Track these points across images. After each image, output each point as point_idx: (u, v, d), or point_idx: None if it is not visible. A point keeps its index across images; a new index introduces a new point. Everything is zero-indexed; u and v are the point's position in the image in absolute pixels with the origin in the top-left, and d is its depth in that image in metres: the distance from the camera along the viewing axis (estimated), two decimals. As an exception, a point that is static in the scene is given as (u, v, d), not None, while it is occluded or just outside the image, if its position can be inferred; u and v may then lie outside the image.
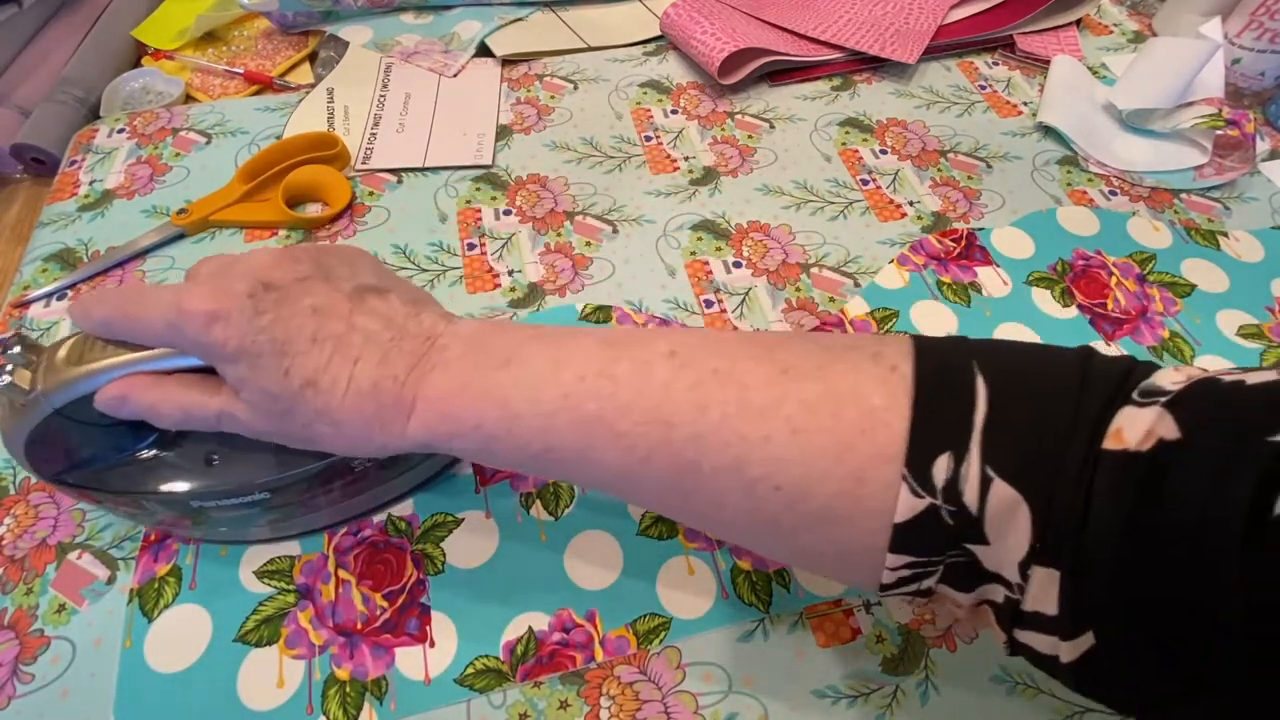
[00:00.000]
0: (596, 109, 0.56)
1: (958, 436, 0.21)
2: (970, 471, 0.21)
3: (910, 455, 0.21)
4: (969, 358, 0.23)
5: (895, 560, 0.22)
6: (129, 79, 0.57)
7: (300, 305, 0.26)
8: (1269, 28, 0.56)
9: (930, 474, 0.21)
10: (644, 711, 0.31)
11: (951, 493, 0.21)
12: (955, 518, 0.21)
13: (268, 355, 0.25)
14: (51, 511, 0.35)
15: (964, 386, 0.22)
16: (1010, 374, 0.22)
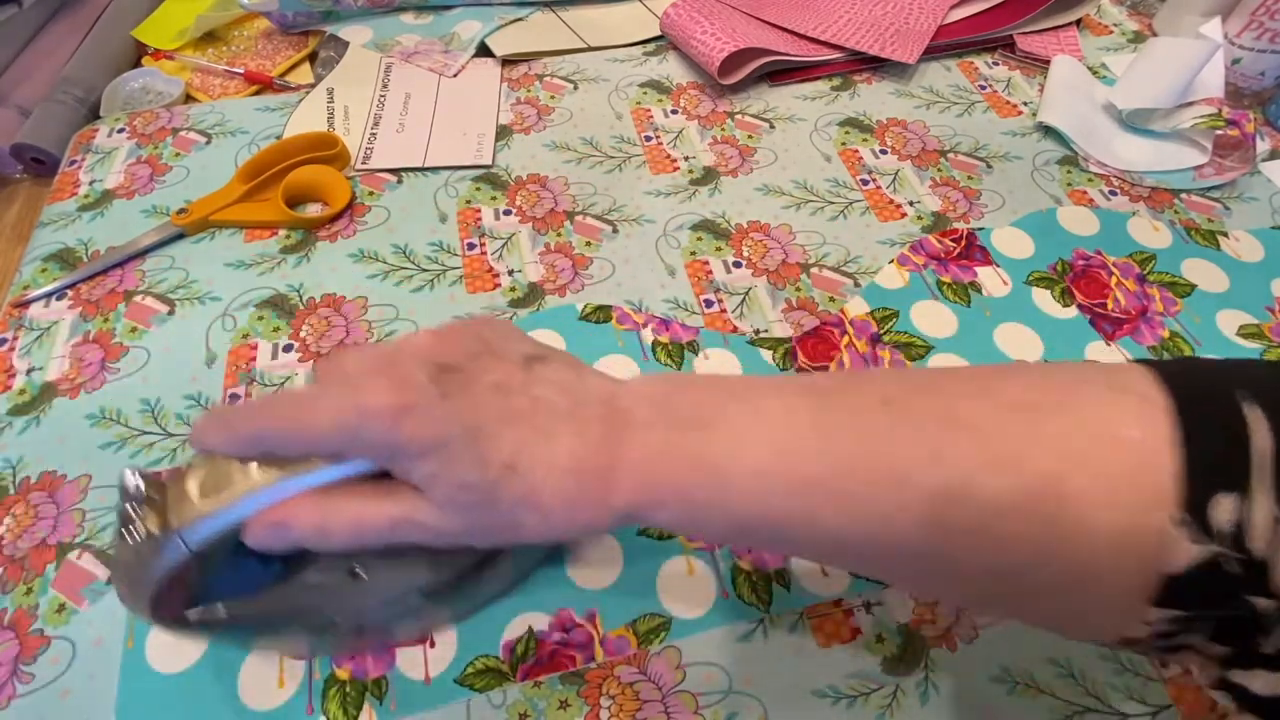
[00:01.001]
0: (596, 109, 0.56)
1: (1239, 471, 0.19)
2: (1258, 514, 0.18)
3: (1188, 497, 0.19)
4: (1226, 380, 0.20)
5: (1159, 614, 0.20)
6: (129, 79, 0.57)
7: (482, 384, 0.24)
8: (1269, 28, 0.56)
9: (1210, 518, 0.19)
10: (644, 711, 0.31)
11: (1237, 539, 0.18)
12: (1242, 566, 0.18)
13: (461, 444, 0.23)
14: (51, 511, 0.35)
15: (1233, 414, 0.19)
16: None
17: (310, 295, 0.44)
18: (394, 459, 0.23)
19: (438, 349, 0.24)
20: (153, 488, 0.24)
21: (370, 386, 0.22)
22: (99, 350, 0.41)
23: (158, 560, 0.23)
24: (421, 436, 0.22)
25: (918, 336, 0.43)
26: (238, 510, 0.23)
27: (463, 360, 0.24)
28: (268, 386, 0.40)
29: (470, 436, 0.23)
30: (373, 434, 0.22)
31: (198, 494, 0.23)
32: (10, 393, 0.39)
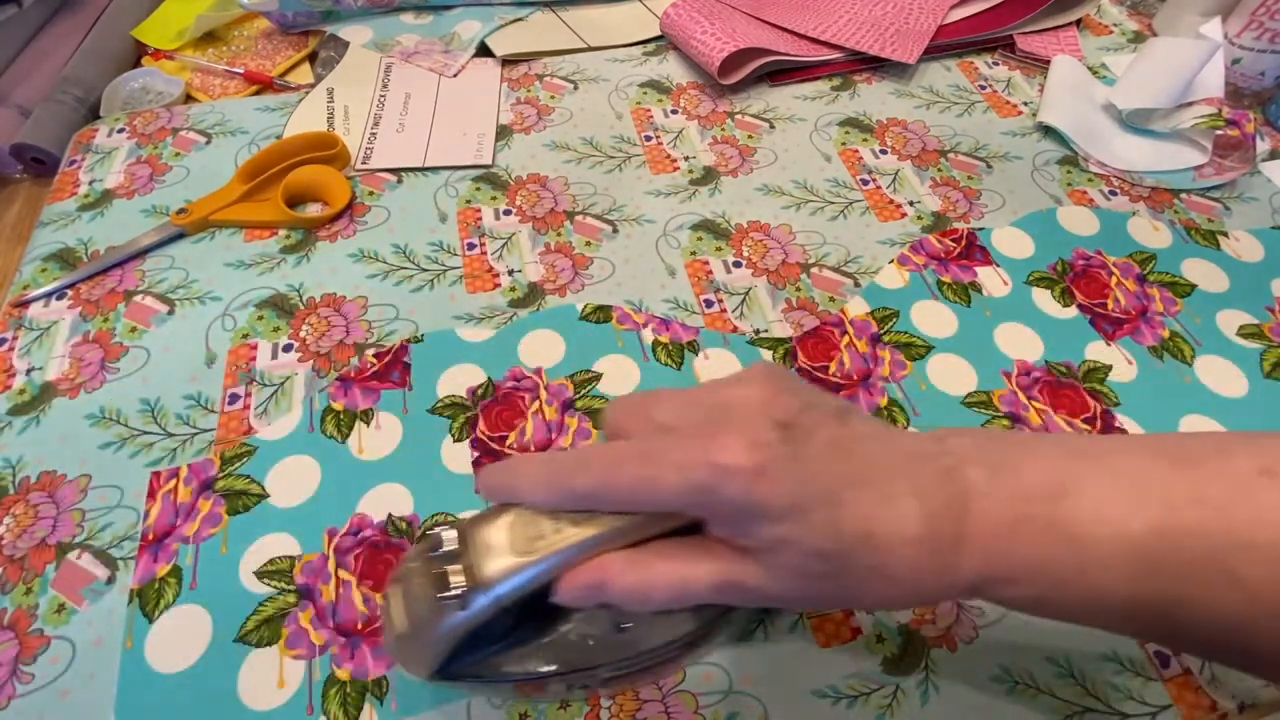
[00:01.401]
0: (596, 109, 0.56)
1: None
2: None
3: None
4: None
5: None
6: (129, 79, 0.57)
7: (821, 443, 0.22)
8: (1269, 28, 0.56)
9: None
10: (644, 711, 0.31)
11: None
12: None
13: (819, 508, 0.21)
14: (51, 511, 0.35)
15: None
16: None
17: (310, 295, 0.44)
18: (741, 521, 0.22)
19: (772, 402, 0.22)
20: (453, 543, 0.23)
21: (724, 444, 0.21)
22: (99, 350, 0.41)
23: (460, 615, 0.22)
24: (779, 499, 0.21)
25: (918, 336, 0.43)
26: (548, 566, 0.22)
27: (796, 415, 0.22)
28: (267, 386, 0.40)
29: (827, 501, 0.21)
30: (729, 494, 0.21)
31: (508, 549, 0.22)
32: (10, 392, 0.39)
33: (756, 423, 0.22)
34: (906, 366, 0.41)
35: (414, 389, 0.40)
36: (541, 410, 0.39)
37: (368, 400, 0.39)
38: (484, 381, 0.40)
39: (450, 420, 0.39)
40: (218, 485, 0.36)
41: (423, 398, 0.39)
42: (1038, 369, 0.42)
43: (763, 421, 0.22)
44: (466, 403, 0.39)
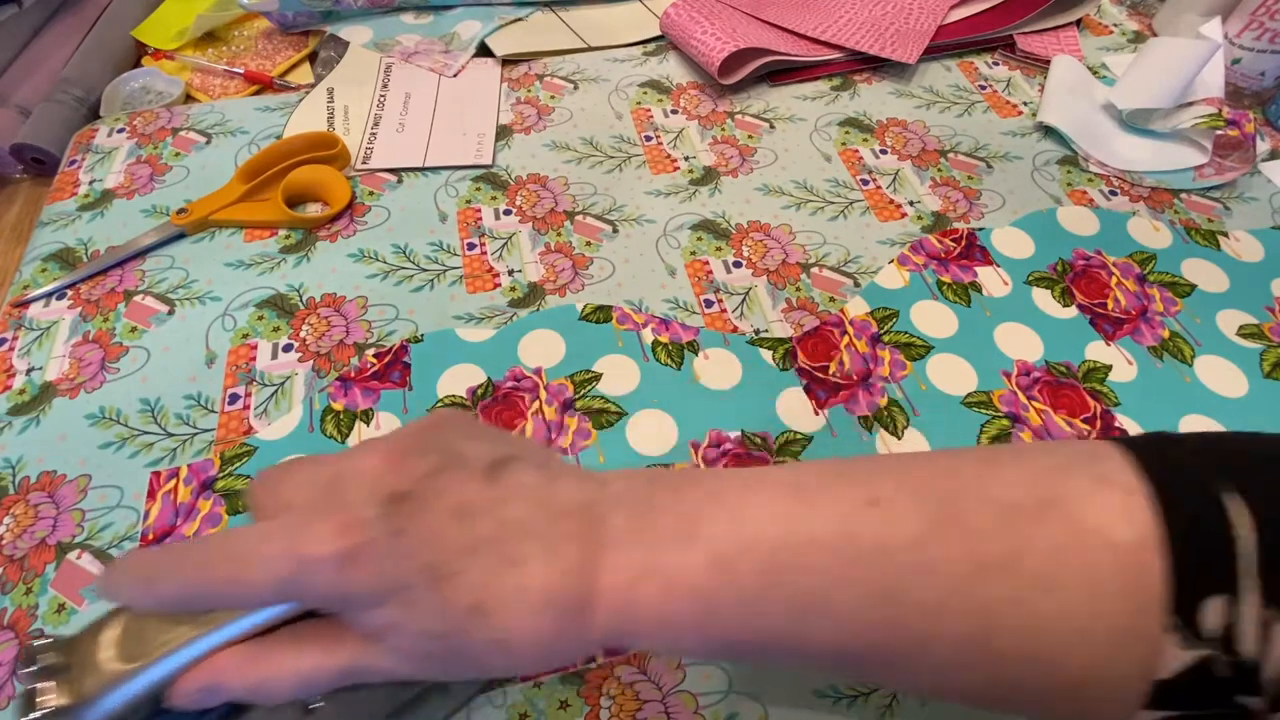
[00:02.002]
0: (596, 109, 0.56)
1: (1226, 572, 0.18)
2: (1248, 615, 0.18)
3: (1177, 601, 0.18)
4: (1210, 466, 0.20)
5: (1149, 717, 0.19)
6: (129, 79, 0.57)
7: (440, 510, 0.21)
8: (1269, 28, 0.56)
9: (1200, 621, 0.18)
10: (644, 711, 0.31)
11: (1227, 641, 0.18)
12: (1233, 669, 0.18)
13: (421, 586, 0.20)
14: (51, 511, 0.35)
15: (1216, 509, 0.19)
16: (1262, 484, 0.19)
17: (310, 295, 0.44)
18: (343, 609, 0.21)
19: (389, 472, 0.21)
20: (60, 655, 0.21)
21: (311, 532, 0.20)
22: (99, 350, 0.41)
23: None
24: (373, 584, 0.20)
25: (918, 336, 0.43)
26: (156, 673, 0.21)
27: (418, 482, 0.21)
28: (267, 386, 0.40)
29: (430, 578, 0.20)
30: (317, 586, 0.20)
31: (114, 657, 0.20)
32: (10, 392, 0.39)
33: (360, 500, 0.21)
34: (906, 366, 0.41)
35: (414, 389, 0.40)
36: (541, 410, 0.39)
37: (368, 400, 0.39)
38: (484, 381, 0.40)
39: (450, 420, 0.39)
40: (218, 485, 0.36)
41: (423, 398, 0.39)
42: (1038, 369, 0.42)
43: (368, 497, 0.21)
44: (466, 403, 0.39)
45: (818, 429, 0.39)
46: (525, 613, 0.21)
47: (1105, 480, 0.20)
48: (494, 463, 0.23)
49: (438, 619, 0.20)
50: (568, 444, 0.38)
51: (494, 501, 0.22)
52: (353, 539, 0.20)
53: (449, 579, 0.20)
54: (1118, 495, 0.20)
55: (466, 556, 0.21)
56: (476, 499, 0.22)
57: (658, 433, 0.38)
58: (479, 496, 0.22)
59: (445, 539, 0.21)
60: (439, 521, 0.21)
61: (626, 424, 0.39)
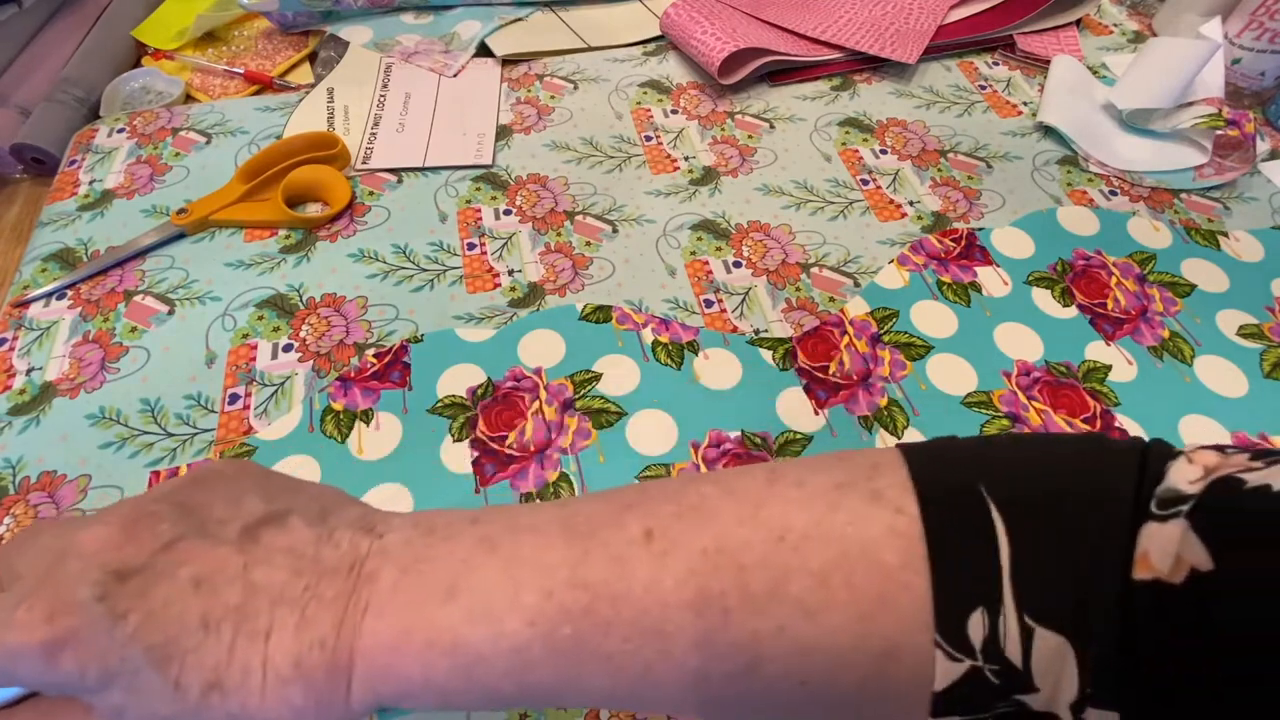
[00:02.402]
0: (596, 109, 0.56)
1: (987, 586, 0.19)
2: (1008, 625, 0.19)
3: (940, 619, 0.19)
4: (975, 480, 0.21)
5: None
6: (129, 79, 0.57)
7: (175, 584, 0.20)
8: (1269, 28, 0.56)
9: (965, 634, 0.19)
10: (644, 712, 0.31)
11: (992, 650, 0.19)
12: (1000, 675, 0.19)
13: (146, 670, 0.19)
14: (51, 512, 0.35)
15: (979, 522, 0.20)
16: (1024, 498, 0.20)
17: (310, 295, 0.44)
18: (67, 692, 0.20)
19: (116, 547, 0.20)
20: None
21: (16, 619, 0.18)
22: (99, 350, 0.41)
23: None
24: (89, 671, 0.19)
25: (918, 336, 0.43)
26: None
27: (150, 555, 0.20)
28: (267, 386, 0.40)
29: (158, 660, 0.19)
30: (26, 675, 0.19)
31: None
32: (10, 392, 0.39)
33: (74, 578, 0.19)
34: (906, 366, 0.41)
35: (414, 389, 0.40)
36: (541, 410, 0.39)
37: (368, 400, 0.39)
38: (484, 381, 0.40)
39: (450, 420, 0.39)
40: (218, 485, 0.36)
41: (423, 398, 0.39)
42: (1038, 369, 0.42)
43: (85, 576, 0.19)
44: (466, 403, 0.39)
45: (818, 429, 0.39)
46: (270, 687, 0.20)
47: (879, 498, 0.21)
48: (255, 522, 0.22)
49: (168, 702, 0.19)
50: (568, 444, 0.38)
51: (244, 567, 0.21)
52: (60, 626, 0.18)
53: (179, 659, 0.19)
54: (887, 514, 0.20)
55: (201, 632, 0.20)
56: (221, 567, 0.21)
57: (658, 433, 0.38)
58: (224, 564, 0.21)
59: (178, 616, 0.20)
60: (173, 596, 0.20)
61: (626, 424, 0.39)
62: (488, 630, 0.21)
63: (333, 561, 0.22)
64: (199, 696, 0.19)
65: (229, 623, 0.20)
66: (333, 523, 0.23)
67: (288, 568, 0.21)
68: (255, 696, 0.20)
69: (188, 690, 0.19)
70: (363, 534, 0.22)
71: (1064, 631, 0.19)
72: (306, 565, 0.21)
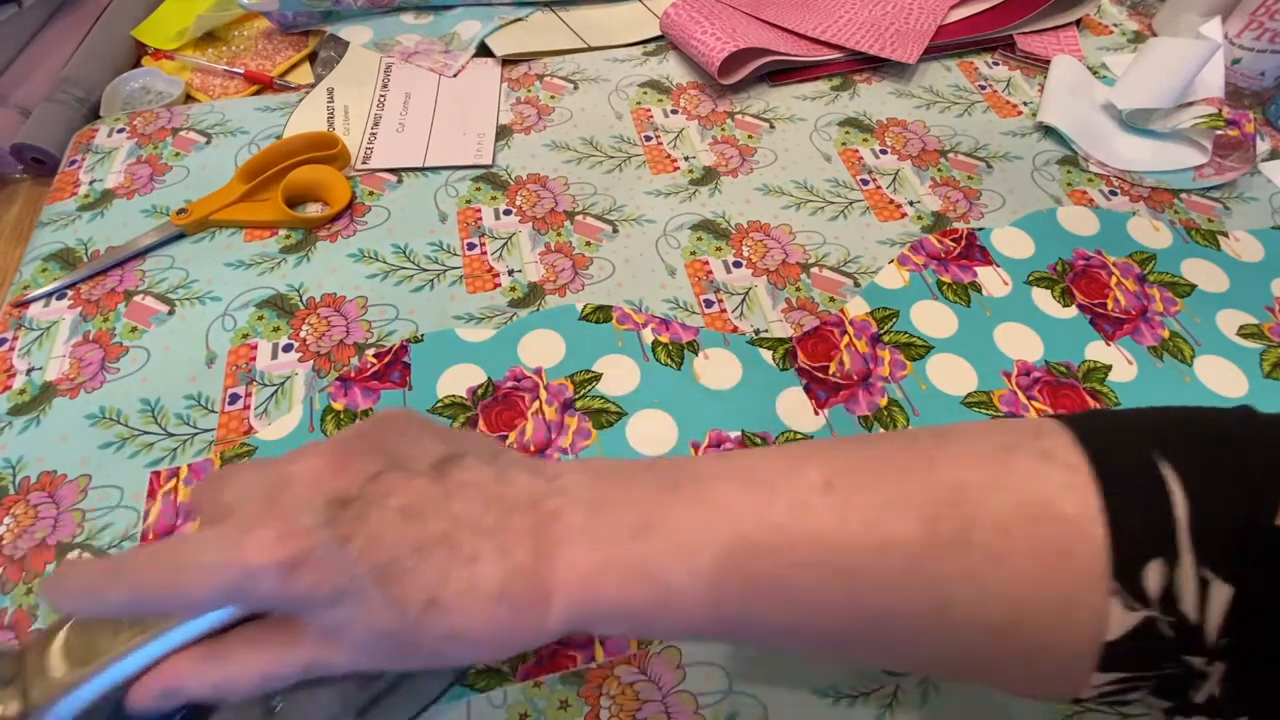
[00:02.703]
0: (596, 109, 0.56)
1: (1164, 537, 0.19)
2: (1185, 576, 0.19)
3: (1118, 566, 0.20)
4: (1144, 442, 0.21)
5: (1103, 678, 0.20)
6: (129, 79, 0.57)
7: (387, 512, 0.21)
8: (1269, 28, 0.56)
9: (1142, 584, 0.19)
10: (644, 711, 0.31)
11: (1168, 601, 0.19)
12: (1175, 628, 0.19)
13: (371, 588, 0.21)
14: (51, 511, 0.35)
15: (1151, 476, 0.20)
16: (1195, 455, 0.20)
17: (310, 295, 0.44)
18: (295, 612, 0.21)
19: (331, 477, 0.21)
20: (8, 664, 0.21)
21: (253, 540, 0.20)
22: (99, 350, 0.41)
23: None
24: (321, 589, 0.20)
25: (918, 336, 0.43)
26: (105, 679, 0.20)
27: (362, 485, 0.22)
28: (267, 386, 0.40)
29: (381, 578, 0.21)
30: (262, 594, 0.20)
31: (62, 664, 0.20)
32: (10, 392, 0.39)
33: (302, 505, 0.21)
34: (906, 366, 0.41)
35: (414, 389, 0.40)
36: (541, 410, 0.39)
37: (368, 400, 0.39)
38: (484, 381, 0.40)
39: (450, 420, 0.39)
40: (218, 485, 0.36)
41: (423, 398, 0.39)
42: (1038, 369, 0.42)
43: (311, 502, 0.21)
44: (466, 403, 0.39)
45: (818, 429, 0.39)
46: (481, 607, 0.21)
47: (1049, 457, 0.21)
48: (440, 460, 0.23)
49: (392, 616, 0.21)
50: (568, 444, 0.38)
51: (442, 500, 0.22)
52: (295, 547, 0.20)
53: (400, 578, 0.21)
54: (1061, 471, 0.21)
55: (419, 556, 0.21)
56: (424, 498, 0.22)
57: (658, 433, 0.38)
58: (426, 496, 0.22)
59: (394, 539, 0.21)
60: (388, 522, 0.21)
61: (626, 424, 0.39)
62: (683, 564, 0.22)
63: (515, 499, 0.23)
64: (419, 613, 0.21)
65: (440, 549, 0.21)
66: (503, 463, 0.24)
67: (478, 502, 0.23)
68: (464, 615, 0.21)
69: (408, 608, 0.21)
70: (533, 475, 0.24)
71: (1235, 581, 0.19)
72: (493, 500, 0.23)
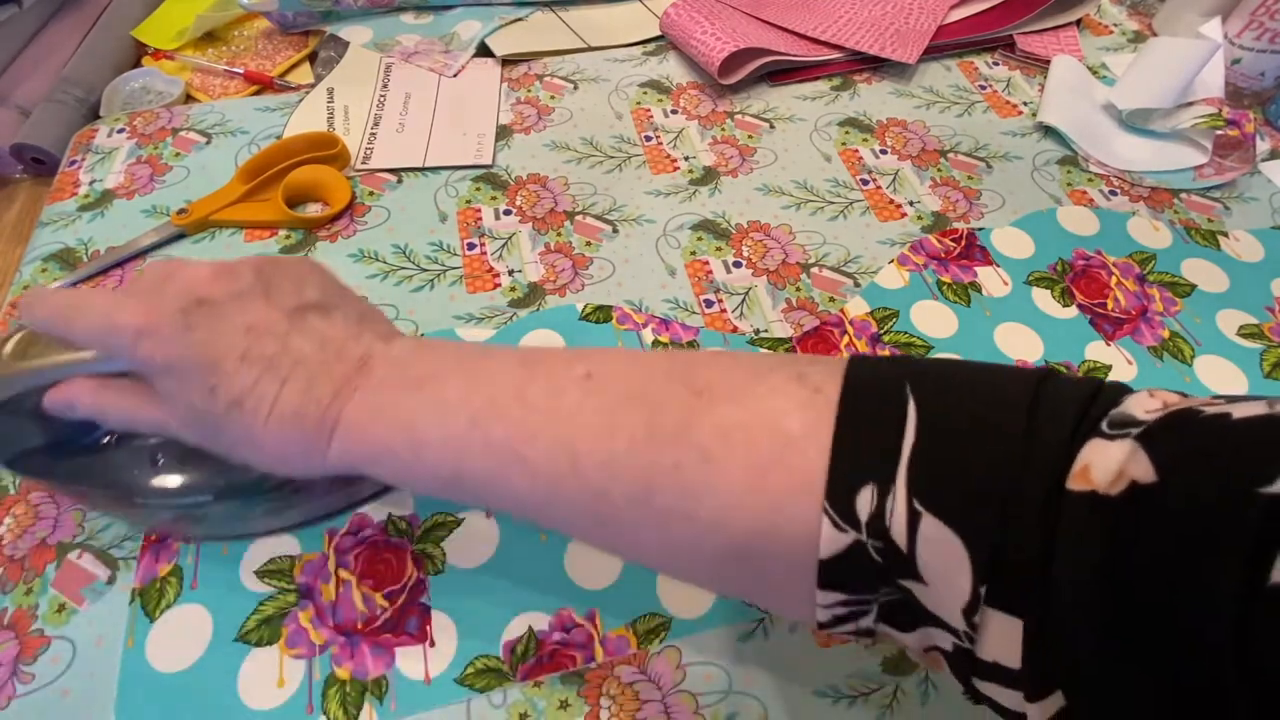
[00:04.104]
0: (596, 109, 0.56)
1: (882, 466, 0.20)
2: (896, 505, 0.19)
3: (830, 487, 0.20)
4: (904, 378, 0.21)
5: (826, 598, 0.21)
6: (129, 79, 0.57)
7: (233, 322, 0.26)
8: (1269, 28, 0.56)
9: (853, 507, 0.20)
10: (644, 711, 0.31)
11: (876, 527, 0.20)
12: (883, 554, 0.20)
13: (195, 372, 0.25)
14: (51, 511, 0.35)
15: (892, 410, 0.21)
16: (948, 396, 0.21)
17: (310, 295, 0.44)
18: (141, 371, 0.26)
19: (205, 283, 0.26)
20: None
21: (126, 305, 0.25)
22: (99, 350, 0.41)
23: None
24: (156, 358, 0.25)
25: (918, 336, 0.43)
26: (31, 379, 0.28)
27: (224, 298, 0.26)
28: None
29: (204, 368, 0.25)
30: (116, 346, 0.25)
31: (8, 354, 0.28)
32: (10, 393, 0.39)
33: (172, 295, 0.26)
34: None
35: (414, 389, 0.40)
36: (541, 410, 0.39)
37: (368, 400, 0.39)
38: (484, 381, 0.40)
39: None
40: (218, 485, 0.36)
41: (423, 398, 0.39)
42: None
43: (179, 295, 0.26)
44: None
45: (818, 429, 0.39)
46: (274, 420, 0.25)
47: (800, 378, 0.22)
48: (307, 304, 0.27)
49: (204, 401, 0.25)
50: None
51: (285, 332, 0.26)
52: (152, 319, 0.25)
53: (220, 374, 0.25)
54: (803, 392, 0.22)
55: (241, 363, 0.25)
56: (269, 324, 0.26)
57: (658, 433, 0.38)
58: (273, 324, 0.26)
59: (228, 344, 0.25)
60: (228, 330, 0.26)
61: (626, 424, 0.39)
62: (439, 419, 0.25)
63: (351, 352, 0.27)
64: (224, 409, 0.25)
65: (260, 365, 0.26)
66: (364, 328, 0.28)
67: (316, 343, 0.27)
68: (260, 423, 0.25)
69: (218, 399, 0.25)
70: (379, 340, 0.28)
71: (955, 525, 0.19)
72: (331, 349, 0.27)
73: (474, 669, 0.31)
